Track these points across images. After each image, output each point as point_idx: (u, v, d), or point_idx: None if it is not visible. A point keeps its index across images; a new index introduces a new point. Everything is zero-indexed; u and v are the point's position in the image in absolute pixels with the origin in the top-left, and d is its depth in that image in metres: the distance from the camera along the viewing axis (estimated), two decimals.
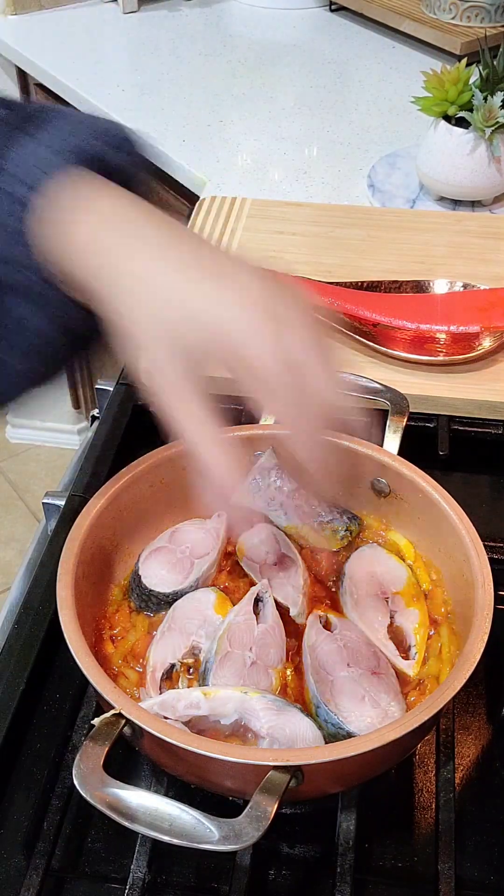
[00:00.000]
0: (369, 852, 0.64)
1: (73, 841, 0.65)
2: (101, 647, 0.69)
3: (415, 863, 0.64)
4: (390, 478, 0.75)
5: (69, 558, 0.66)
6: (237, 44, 1.76)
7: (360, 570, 0.73)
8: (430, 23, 1.62)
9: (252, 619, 0.69)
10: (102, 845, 0.65)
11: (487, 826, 0.66)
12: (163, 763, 0.63)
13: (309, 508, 0.76)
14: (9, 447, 2.54)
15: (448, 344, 0.96)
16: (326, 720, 0.62)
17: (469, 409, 0.92)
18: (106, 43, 1.77)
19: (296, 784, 0.54)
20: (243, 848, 0.51)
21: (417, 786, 0.68)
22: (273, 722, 0.61)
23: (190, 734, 0.57)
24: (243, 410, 0.93)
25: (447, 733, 0.67)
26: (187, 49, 1.73)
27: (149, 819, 0.52)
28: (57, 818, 0.63)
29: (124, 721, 0.56)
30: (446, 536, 0.70)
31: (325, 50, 1.74)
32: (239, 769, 0.56)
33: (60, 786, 0.64)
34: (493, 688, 0.73)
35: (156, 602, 0.71)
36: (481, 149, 1.17)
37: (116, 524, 0.72)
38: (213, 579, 0.74)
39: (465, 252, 1.12)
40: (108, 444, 0.91)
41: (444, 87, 1.17)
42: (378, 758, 0.59)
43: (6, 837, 0.65)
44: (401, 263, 1.08)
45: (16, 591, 0.86)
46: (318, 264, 1.07)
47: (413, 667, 0.68)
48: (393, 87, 1.59)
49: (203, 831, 0.51)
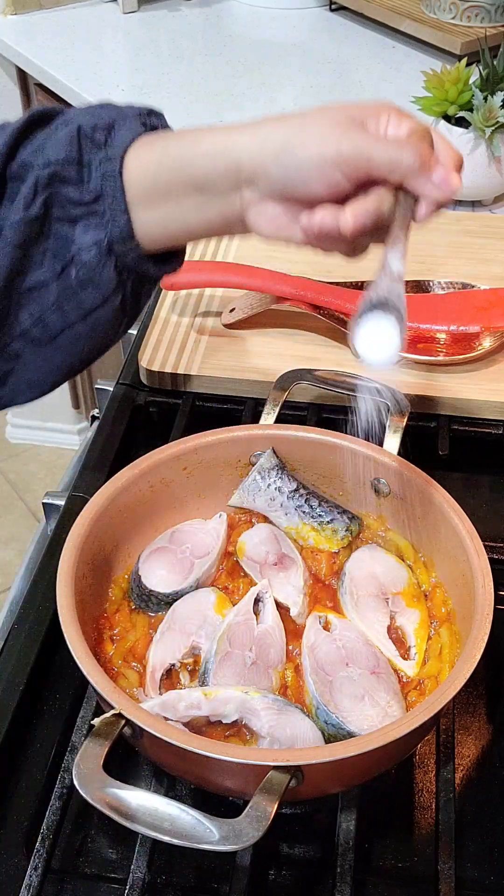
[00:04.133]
0: (369, 852, 0.64)
1: (73, 841, 0.65)
2: (101, 647, 0.69)
3: (415, 863, 0.64)
4: (390, 478, 0.75)
5: (69, 558, 0.66)
6: (237, 44, 1.76)
7: (360, 570, 0.73)
8: (430, 23, 1.62)
9: (252, 619, 0.69)
10: (102, 845, 0.65)
11: (487, 826, 0.66)
12: (163, 763, 0.63)
13: (309, 508, 0.76)
14: (9, 447, 2.54)
15: (448, 344, 0.96)
16: (326, 721, 0.62)
17: (469, 409, 0.92)
18: (106, 43, 1.77)
19: (296, 784, 0.54)
20: (243, 848, 0.51)
21: (417, 786, 0.68)
22: (273, 722, 0.61)
23: (190, 734, 0.57)
24: (243, 410, 0.93)
25: (447, 733, 0.67)
26: (187, 49, 1.73)
27: (149, 819, 0.52)
28: (57, 818, 0.63)
29: (124, 721, 0.56)
30: (446, 536, 0.70)
31: (325, 50, 1.74)
32: (239, 769, 0.56)
33: (60, 786, 0.64)
34: (493, 688, 0.73)
35: (156, 602, 0.71)
36: (481, 149, 1.17)
37: (116, 524, 0.72)
38: (213, 579, 0.74)
39: (465, 252, 1.12)
40: (108, 444, 0.91)
41: (444, 87, 1.17)
42: (378, 758, 0.59)
43: (6, 837, 0.65)
44: None
45: (16, 591, 0.86)
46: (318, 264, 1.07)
47: (413, 667, 0.68)
48: (393, 87, 1.59)
49: (203, 831, 0.51)
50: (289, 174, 0.60)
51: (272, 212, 0.62)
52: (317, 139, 0.59)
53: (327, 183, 0.60)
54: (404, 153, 0.60)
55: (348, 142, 0.59)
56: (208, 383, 0.95)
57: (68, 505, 0.84)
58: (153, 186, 0.62)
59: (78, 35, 1.76)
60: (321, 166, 0.59)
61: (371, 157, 0.59)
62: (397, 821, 0.66)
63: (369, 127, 0.62)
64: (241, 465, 0.79)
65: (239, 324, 1.00)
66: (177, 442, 0.77)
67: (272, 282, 0.98)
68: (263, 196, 0.62)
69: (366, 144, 0.59)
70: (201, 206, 0.63)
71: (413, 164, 0.60)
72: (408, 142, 0.61)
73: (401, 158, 0.59)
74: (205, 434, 0.77)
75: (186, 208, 0.63)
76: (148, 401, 0.97)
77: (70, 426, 2.46)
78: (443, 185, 0.61)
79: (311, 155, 0.59)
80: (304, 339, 0.99)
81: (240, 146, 0.61)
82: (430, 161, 0.60)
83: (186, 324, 1.01)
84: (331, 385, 0.83)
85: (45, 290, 0.63)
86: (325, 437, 0.78)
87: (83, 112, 0.65)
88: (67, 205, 0.62)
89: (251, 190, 0.62)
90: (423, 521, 0.73)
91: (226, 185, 0.62)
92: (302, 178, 0.60)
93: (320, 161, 0.59)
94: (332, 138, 0.59)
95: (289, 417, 0.82)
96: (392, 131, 0.62)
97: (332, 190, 0.60)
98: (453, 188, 0.61)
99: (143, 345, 0.98)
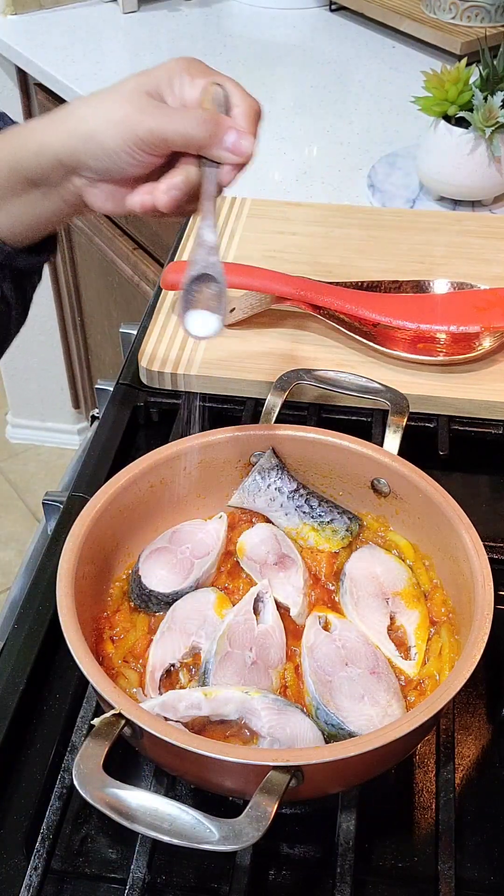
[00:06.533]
0: (369, 852, 0.64)
1: (73, 841, 0.65)
2: (101, 647, 0.69)
3: (415, 863, 0.64)
4: (390, 478, 0.75)
5: (69, 558, 0.66)
6: (237, 44, 1.76)
7: (361, 570, 0.73)
8: (430, 23, 1.62)
9: (252, 619, 0.69)
10: (102, 845, 0.65)
11: (487, 826, 0.66)
12: (163, 763, 0.63)
13: (309, 508, 0.76)
14: (9, 447, 2.54)
15: (448, 344, 0.96)
16: (326, 721, 0.62)
17: (469, 409, 0.92)
18: (106, 43, 1.77)
19: (296, 784, 0.54)
20: (243, 848, 0.51)
21: (417, 786, 0.68)
22: (274, 721, 0.61)
23: (190, 734, 0.57)
24: (243, 410, 0.93)
25: (447, 733, 0.67)
26: (187, 49, 1.73)
27: (149, 819, 0.52)
28: (57, 818, 0.62)
29: (124, 721, 0.56)
30: (446, 536, 0.70)
31: (325, 50, 1.74)
32: (239, 769, 0.56)
33: (60, 786, 0.64)
34: (493, 688, 0.73)
35: (156, 602, 0.71)
36: (481, 149, 1.17)
37: (116, 524, 0.72)
38: (213, 579, 0.74)
39: (465, 252, 1.11)
40: (108, 444, 0.91)
41: (444, 87, 1.17)
42: (378, 758, 0.59)
43: (6, 837, 0.65)
44: (401, 263, 1.08)
45: (16, 591, 0.86)
46: (317, 264, 1.07)
47: (413, 667, 0.68)
48: (393, 87, 1.59)
49: (203, 831, 0.51)
50: (102, 162, 0.64)
51: (106, 191, 0.67)
52: (118, 126, 0.63)
53: (138, 164, 0.64)
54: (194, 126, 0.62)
55: (143, 125, 0.62)
56: (208, 383, 0.95)
57: (68, 505, 0.84)
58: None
59: (78, 35, 1.76)
60: (126, 151, 0.63)
61: (165, 137, 0.62)
62: (397, 821, 0.66)
63: (166, 96, 0.64)
64: (241, 465, 0.79)
65: (239, 324, 1.00)
66: (177, 442, 0.77)
67: (272, 282, 0.98)
68: (92, 180, 0.66)
69: (158, 124, 0.62)
70: (43, 198, 0.68)
71: (203, 136, 0.62)
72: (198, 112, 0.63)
73: (191, 132, 0.62)
74: (205, 434, 0.77)
75: (31, 201, 0.68)
76: (148, 401, 0.97)
77: (70, 426, 2.46)
78: (235, 149, 0.64)
79: (116, 143, 0.63)
80: (304, 339, 0.99)
81: (54, 141, 0.65)
82: (220, 128, 0.63)
83: None
84: (331, 385, 0.83)
85: None
86: (325, 437, 0.78)
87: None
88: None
89: (78, 177, 0.66)
90: (423, 521, 0.74)
91: (56, 177, 0.66)
92: (114, 162, 0.64)
93: (124, 147, 0.63)
94: (129, 123, 0.62)
95: (289, 417, 0.82)
96: (189, 94, 0.65)
97: (146, 168, 0.64)
98: (245, 151, 0.64)
99: (143, 345, 0.98)
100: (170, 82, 0.64)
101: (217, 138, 0.63)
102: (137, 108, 0.63)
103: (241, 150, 0.64)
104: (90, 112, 0.64)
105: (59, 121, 0.66)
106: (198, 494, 0.78)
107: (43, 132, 0.66)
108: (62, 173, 0.66)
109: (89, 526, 0.69)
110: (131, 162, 0.64)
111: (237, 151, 0.64)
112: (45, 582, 0.78)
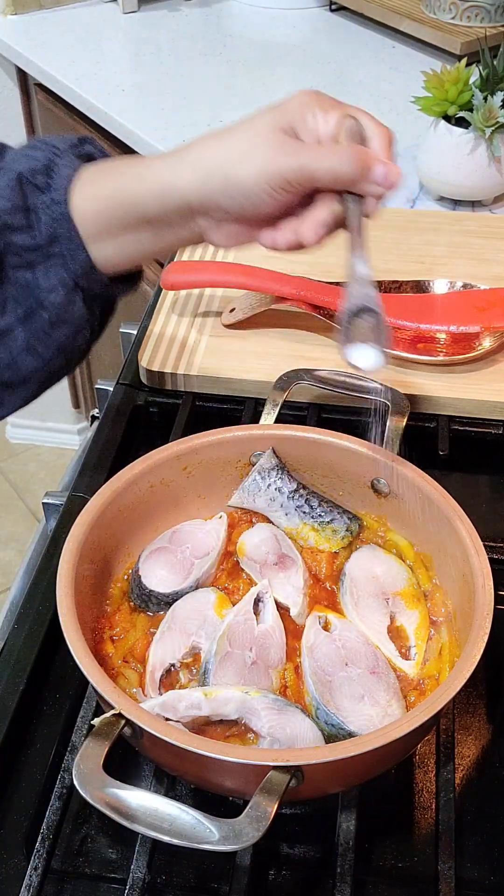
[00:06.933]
0: (369, 852, 0.64)
1: (73, 841, 0.65)
2: (101, 647, 0.69)
3: (415, 863, 0.64)
4: (390, 478, 0.75)
5: (69, 558, 0.66)
6: (237, 44, 1.76)
7: (360, 570, 0.73)
8: (430, 23, 1.62)
9: (252, 619, 0.69)
10: (102, 845, 0.65)
11: (487, 826, 0.66)
12: (163, 763, 0.63)
13: (309, 508, 0.76)
14: (9, 447, 2.54)
15: (448, 344, 0.96)
16: (326, 721, 0.62)
17: (469, 409, 0.92)
18: (106, 43, 1.76)
19: (296, 784, 0.54)
20: (243, 848, 0.51)
21: (417, 786, 0.68)
22: (274, 722, 0.61)
23: (190, 734, 0.57)
24: (243, 410, 0.93)
25: (447, 733, 0.67)
26: (187, 49, 1.73)
27: (149, 819, 0.52)
28: (57, 818, 0.62)
29: (124, 721, 0.56)
30: (446, 536, 0.70)
31: (325, 50, 1.74)
32: (239, 769, 0.56)
33: (60, 786, 0.64)
34: (493, 688, 0.73)
35: (156, 602, 0.71)
36: (481, 149, 1.17)
37: (116, 524, 0.72)
38: (213, 579, 0.74)
39: (465, 252, 1.11)
40: (108, 444, 0.91)
41: (444, 87, 1.17)
42: (378, 758, 0.59)
43: (6, 837, 0.65)
44: (401, 263, 1.08)
45: (16, 591, 0.86)
46: (318, 264, 1.07)
47: (413, 667, 0.68)
48: (393, 87, 1.59)
49: (203, 831, 0.51)
50: (238, 203, 0.62)
51: (230, 230, 0.65)
52: (257, 166, 0.61)
53: (277, 204, 0.62)
54: (343, 162, 0.61)
55: (287, 163, 0.60)
56: (208, 383, 0.95)
57: (68, 505, 0.84)
58: (106, 224, 0.64)
59: (78, 35, 1.76)
60: (268, 192, 0.61)
61: (313, 175, 0.61)
62: (397, 821, 0.66)
63: (300, 133, 0.63)
64: (241, 465, 0.79)
65: (239, 324, 1.00)
66: (177, 442, 0.77)
67: (272, 282, 0.98)
68: (217, 220, 0.64)
69: (304, 162, 0.61)
70: (157, 236, 0.66)
71: (354, 173, 0.61)
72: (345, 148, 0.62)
73: (341, 169, 0.61)
74: (205, 434, 0.77)
75: (143, 238, 0.66)
76: (148, 401, 0.97)
77: (70, 426, 2.46)
78: (385, 181, 0.63)
79: (258, 184, 0.61)
80: (304, 339, 0.99)
81: (184, 183, 0.63)
82: (368, 162, 0.62)
83: (186, 324, 1.01)
84: (331, 385, 0.83)
85: (10, 336, 0.65)
86: (325, 437, 0.78)
87: (19, 156, 0.66)
88: (22, 252, 0.64)
89: (205, 219, 0.64)
90: (423, 521, 0.73)
91: (178, 219, 0.64)
92: (252, 203, 0.62)
93: (266, 188, 0.61)
94: (273, 163, 0.61)
95: (289, 417, 0.82)
96: (323, 128, 0.63)
97: (283, 207, 0.63)
98: (395, 181, 0.63)
99: (143, 345, 0.98)
100: (303, 117, 0.63)
101: (367, 173, 0.62)
102: (279, 148, 0.61)
103: (390, 180, 0.63)
104: (224, 154, 0.62)
105: (188, 162, 0.63)
106: (198, 494, 0.78)
107: (171, 174, 0.63)
108: (186, 216, 0.64)
109: (89, 526, 0.69)
110: (270, 202, 0.62)
111: (386, 184, 0.63)
112: (45, 582, 0.78)
